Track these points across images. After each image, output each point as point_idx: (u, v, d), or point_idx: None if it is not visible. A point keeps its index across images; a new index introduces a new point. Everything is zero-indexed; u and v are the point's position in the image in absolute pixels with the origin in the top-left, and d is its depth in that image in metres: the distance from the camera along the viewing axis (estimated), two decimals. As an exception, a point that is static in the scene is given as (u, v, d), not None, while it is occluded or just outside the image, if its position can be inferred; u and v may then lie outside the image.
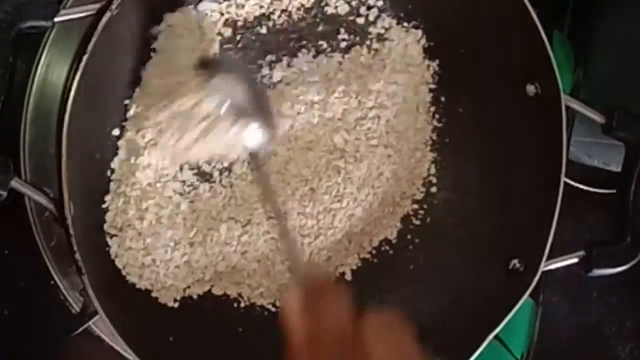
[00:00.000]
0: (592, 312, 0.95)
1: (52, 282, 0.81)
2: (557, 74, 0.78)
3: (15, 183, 0.71)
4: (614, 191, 0.88)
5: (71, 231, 0.72)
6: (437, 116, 0.87)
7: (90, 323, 0.74)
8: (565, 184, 0.79)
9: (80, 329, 0.74)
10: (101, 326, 0.79)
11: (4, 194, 0.71)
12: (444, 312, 0.82)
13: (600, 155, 0.90)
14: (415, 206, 0.87)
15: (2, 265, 0.84)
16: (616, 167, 0.90)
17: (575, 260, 0.79)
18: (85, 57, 0.73)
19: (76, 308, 0.82)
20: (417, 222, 0.86)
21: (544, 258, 0.78)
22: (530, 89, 0.81)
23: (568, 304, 0.94)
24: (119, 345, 0.80)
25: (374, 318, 0.57)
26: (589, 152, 0.90)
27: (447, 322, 0.81)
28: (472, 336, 0.78)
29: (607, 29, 0.89)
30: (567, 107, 0.79)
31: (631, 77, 0.86)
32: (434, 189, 0.87)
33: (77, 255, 0.72)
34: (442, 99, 0.87)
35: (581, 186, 0.90)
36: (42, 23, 0.72)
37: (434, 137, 0.87)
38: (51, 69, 0.81)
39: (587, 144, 0.89)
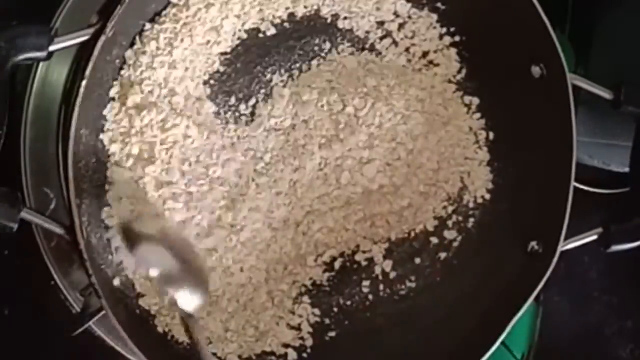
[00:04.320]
0: (593, 312, 0.95)
1: (52, 282, 0.82)
2: (561, 52, 0.78)
3: (25, 214, 0.71)
4: (614, 191, 0.89)
5: (85, 256, 0.72)
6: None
7: (90, 323, 0.74)
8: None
9: (81, 329, 0.74)
10: (101, 326, 0.79)
11: (15, 226, 0.71)
12: (466, 298, 0.83)
13: (601, 155, 0.90)
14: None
15: (2, 265, 0.84)
16: (616, 167, 0.90)
17: (594, 237, 0.78)
18: (84, 83, 0.73)
19: (76, 308, 0.82)
20: None
21: (562, 237, 0.78)
22: (536, 70, 0.81)
23: (569, 304, 0.94)
24: (120, 345, 0.80)
25: None
26: (590, 152, 0.90)
27: (469, 307, 0.82)
28: (495, 321, 0.78)
29: (608, 29, 0.89)
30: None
31: (632, 76, 0.86)
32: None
33: (93, 279, 0.72)
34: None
35: (581, 186, 0.90)
36: (37, 54, 0.72)
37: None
38: (51, 69, 0.82)
39: (588, 144, 0.89)
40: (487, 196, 0.85)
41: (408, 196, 0.84)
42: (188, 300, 0.71)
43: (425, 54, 0.86)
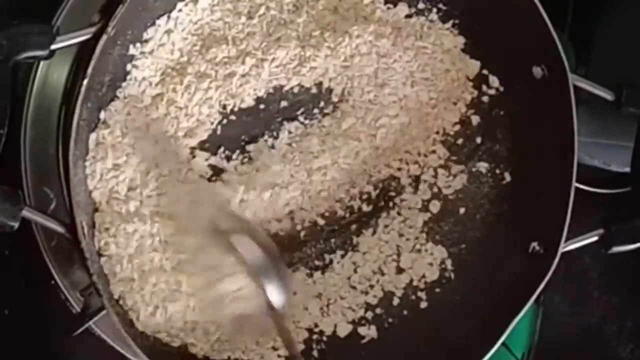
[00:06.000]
0: (593, 312, 0.95)
1: (52, 282, 0.82)
2: (563, 54, 0.78)
3: (26, 213, 0.71)
4: (615, 191, 0.89)
5: (87, 254, 0.72)
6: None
7: (90, 323, 0.74)
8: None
9: (81, 329, 0.74)
10: (101, 326, 0.79)
11: (16, 224, 0.71)
12: (467, 299, 0.83)
13: (602, 155, 0.90)
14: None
15: (2, 265, 0.84)
16: (617, 167, 0.90)
17: (595, 238, 0.78)
18: (85, 82, 0.73)
19: (76, 308, 0.82)
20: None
21: (563, 238, 0.78)
22: (537, 71, 0.81)
23: (569, 304, 0.94)
24: (120, 345, 0.80)
25: None
26: (590, 152, 0.90)
27: (470, 308, 0.82)
28: (496, 321, 0.78)
29: (608, 29, 0.89)
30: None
31: (632, 76, 0.86)
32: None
33: (95, 278, 0.72)
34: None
35: (582, 186, 0.90)
36: (39, 53, 0.72)
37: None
38: (52, 70, 0.82)
39: (588, 144, 0.89)
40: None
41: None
42: (277, 295, 0.72)
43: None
